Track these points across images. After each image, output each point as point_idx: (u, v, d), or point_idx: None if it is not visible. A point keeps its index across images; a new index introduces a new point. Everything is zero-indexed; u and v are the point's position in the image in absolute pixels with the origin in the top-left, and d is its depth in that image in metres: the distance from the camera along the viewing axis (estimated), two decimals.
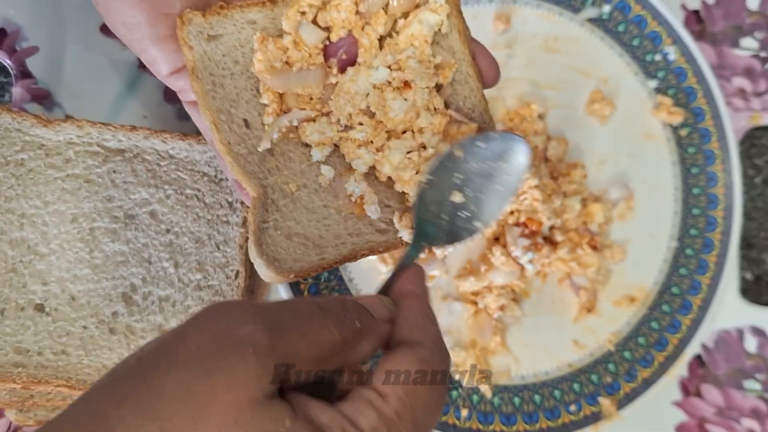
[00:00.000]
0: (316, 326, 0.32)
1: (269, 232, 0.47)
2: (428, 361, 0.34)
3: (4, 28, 0.65)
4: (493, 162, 0.47)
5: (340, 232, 0.49)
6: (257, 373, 0.29)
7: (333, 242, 0.48)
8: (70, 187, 0.58)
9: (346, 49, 0.49)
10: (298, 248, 0.47)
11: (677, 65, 0.69)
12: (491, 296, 0.63)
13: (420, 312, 0.38)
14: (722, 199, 0.68)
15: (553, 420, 0.63)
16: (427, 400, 0.33)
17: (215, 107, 0.47)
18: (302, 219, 0.48)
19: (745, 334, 0.68)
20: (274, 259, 0.46)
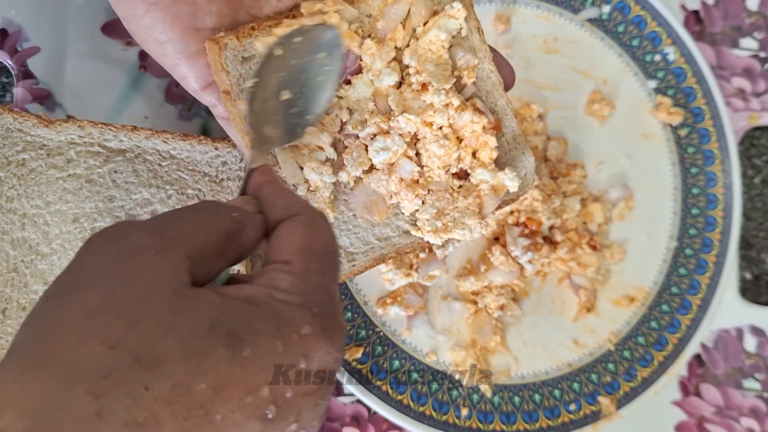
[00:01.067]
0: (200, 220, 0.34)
1: None
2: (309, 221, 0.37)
3: (5, 28, 0.65)
4: (311, 55, 0.48)
5: (369, 239, 0.51)
6: (170, 268, 0.30)
7: (363, 249, 0.51)
8: (72, 187, 0.59)
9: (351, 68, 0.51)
10: None
11: (677, 65, 0.69)
12: (491, 296, 0.64)
13: (280, 191, 0.40)
14: (721, 199, 0.68)
15: (552, 419, 0.64)
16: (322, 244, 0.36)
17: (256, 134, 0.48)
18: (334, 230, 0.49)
19: (745, 334, 0.68)
20: None
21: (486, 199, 0.51)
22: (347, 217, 0.51)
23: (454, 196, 0.51)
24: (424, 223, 0.51)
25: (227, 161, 0.60)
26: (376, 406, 0.61)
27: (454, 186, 0.52)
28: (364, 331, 0.63)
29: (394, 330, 0.64)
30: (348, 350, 0.62)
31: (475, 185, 0.51)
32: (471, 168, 0.51)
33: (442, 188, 0.51)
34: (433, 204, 0.51)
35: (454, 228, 0.51)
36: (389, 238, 0.52)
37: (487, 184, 0.51)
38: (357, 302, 0.63)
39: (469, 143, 0.51)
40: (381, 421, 0.63)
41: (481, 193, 0.51)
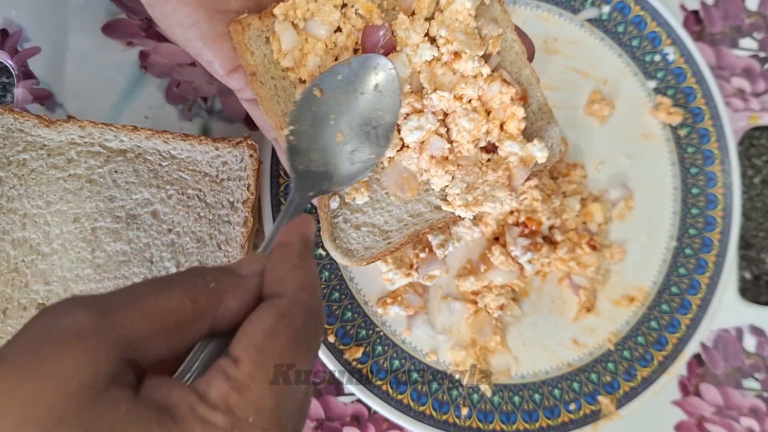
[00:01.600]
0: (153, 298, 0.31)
1: (340, 226, 0.51)
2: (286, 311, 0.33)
3: (5, 28, 0.65)
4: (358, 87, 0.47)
5: (402, 216, 0.52)
6: (86, 361, 0.28)
7: (397, 226, 0.52)
8: (73, 187, 0.59)
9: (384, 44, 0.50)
10: (367, 237, 0.51)
11: (676, 66, 0.69)
12: (491, 295, 0.64)
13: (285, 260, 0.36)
14: (721, 199, 0.68)
15: (552, 419, 0.64)
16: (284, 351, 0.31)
17: (280, 111, 0.49)
18: (368, 209, 0.51)
19: (744, 334, 0.68)
20: (348, 250, 0.50)
21: (515, 171, 0.52)
22: (380, 195, 0.52)
23: (483, 170, 0.52)
24: (455, 197, 0.51)
25: (228, 161, 0.60)
26: (377, 406, 0.61)
27: (482, 160, 0.52)
28: (364, 331, 0.63)
29: (395, 330, 0.64)
30: (348, 350, 0.62)
31: (504, 158, 0.52)
32: (499, 141, 0.52)
33: (471, 162, 0.52)
34: (463, 179, 0.51)
35: (484, 201, 0.51)
36: (422, 213, 0.52)
37: (516, 156, 0.52)
38: (357, 302, 0.64)
39: (497, 115, 0.52)
40: (381, 420, 0.64)
41: (510, 165, 0.52)
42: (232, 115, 0.66)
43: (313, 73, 0.50)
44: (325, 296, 0.63)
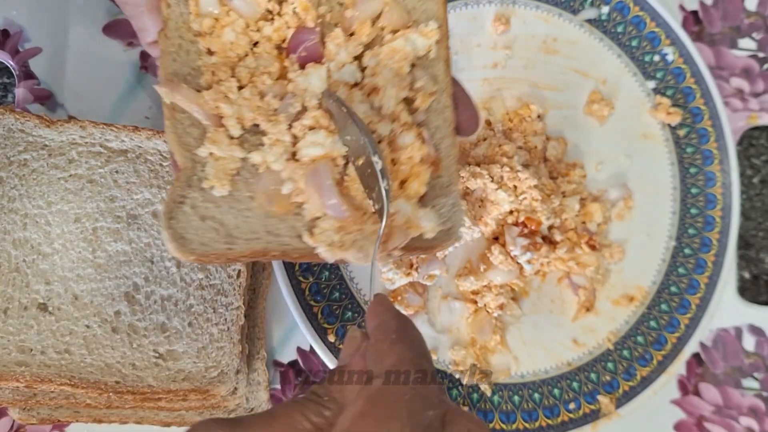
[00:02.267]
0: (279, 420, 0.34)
1: (184, 209, 0.45)
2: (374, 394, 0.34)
3: (6, 29, 0.65)
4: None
5: (257, 228, 0.47)
6: None
7: (247, 235, 0.46)
8: (73, 187, 0.59)
9: (309, 48, 0.48)
10: (208, 232, 0.45)
11: (676, 66, 0.69)
12: (491, 295, 0.64)
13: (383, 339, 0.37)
14: (720, 199, 0.68)
15: (552, 418, 0.64)
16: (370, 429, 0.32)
17: (173, 70, 0.47)
18: (223, 204, 0.46)
19: (744, 333, 0.68)
20: (180, 237, 0.45)
21: (396, 233, 0.46)
22: (243, 197, 0.47)
23: (364, 218, 0.46)
24: (322, 233, 0.46)
25: None
26: None
27: (369, 209, 0.47)
28: None
29: None
30: None
31: (391, 214, 0.46)
32: (393, 196, 0.47)
33: (356, 205, 0.46)
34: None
35: (350, 248, 0.45)
36: (280, 235, 0.47)
37: (403, 218, 0.46)
38: (357, 302, 0.64)
39: (400, 168, 0.48)
40: None
41: (393, 223, 0.46)
42: None
43: (225, 48, 0.48)
44: (325, 296, 0.63)
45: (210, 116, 0.46)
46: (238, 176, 0.47)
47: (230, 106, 0.46)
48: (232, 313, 0.58)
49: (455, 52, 0.68)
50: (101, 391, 0.55)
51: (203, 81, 0.47)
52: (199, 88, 0.47)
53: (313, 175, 0.46)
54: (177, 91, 0.46)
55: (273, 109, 0.47)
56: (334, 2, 0.49)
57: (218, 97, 0.46)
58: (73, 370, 0.56)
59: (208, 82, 0.47)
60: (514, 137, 0.67)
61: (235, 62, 0.48)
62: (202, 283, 0.59)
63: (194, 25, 0.48)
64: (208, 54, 0.48)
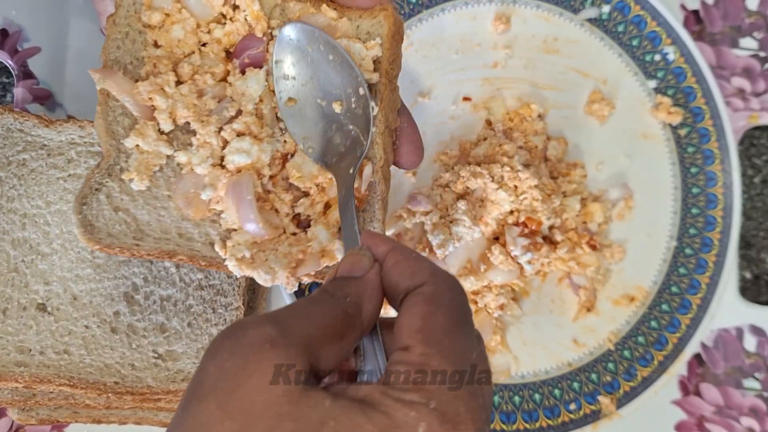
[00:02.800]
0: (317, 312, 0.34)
1: (99, 197, 0.46)
2: (434, 293, 0.35)
3: (5, 29, 0.65)
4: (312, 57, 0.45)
5: (170, 229, 0.46)
6: (282, 365, 0.31)
7: (157, 234, 0.46)
8: (72, 187, 0.59)
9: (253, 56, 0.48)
10: (119, 224, 0.46)
11: (676, 65, 0.69)
12: (491, 295, 0.64)
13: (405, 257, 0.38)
14: (721, 199, 0.68)
15: (552, 418, 0.64)
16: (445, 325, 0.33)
17: (114, 57, 0.47)
18: (139, 199, 0.46)
19: (744, 333, 0.68)
20: (89, 224, 0.45)
21: (308, 260, 0.46)
22: (160, 194, 0.46)
23: (281, 239, 0.46)
24: (235, 246, 0.45)
25: None
26: None
27: (288, 229, 0.47)
28: None
29: None
30: None
31: (308, 239, 0.46)
32: (314, 220, 0.47)
33: (275, 224, 0.46)
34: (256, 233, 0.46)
35: (259, 267, 0.45)
36: (192, 240, 0.46)
37: (318, 245, 0.46)
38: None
39: (328, 192, 0.47)
40: None
41: (308, 250, 0.46)
42: None
43: (171, 43, 0.47)
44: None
45: (142, 108, 0.46)
46: (160, 173, 0.47)
47: (165, 99, 0.46)
48: (232, 314, 0.58)
49: (455, 51, 0.68)
50: (100, 391, 0.55)
51: (143, 72, 0.47)
52: (138, 78, 0.47)
53: (235, 186, 0.45)
54: (111, 78, 0.46)
55: (208, 109, 0.47)
56: (285, 17, 0.48)
57: (154, 89, 0.46)
58: (72, 371, 0.56)
59: (147, 73, 0.47)
60: (514, 137, 0.67)
61: (179, 59, 0.48)
62: (201, 283, 0.58)
63: (144, 17, 0.48)
64: (154, 46, 0.48)
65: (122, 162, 0.46)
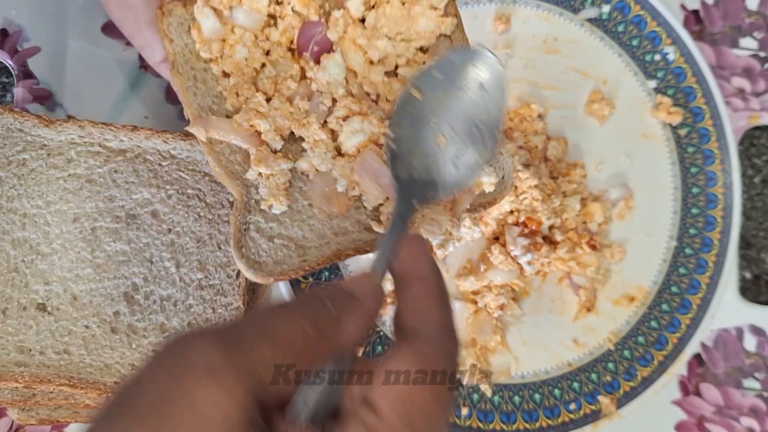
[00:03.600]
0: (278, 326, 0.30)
1: (250, 234, 0.45)
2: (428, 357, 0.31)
3: (5, 28, 0.65)
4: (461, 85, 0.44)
5: (325, 232, 0.47)
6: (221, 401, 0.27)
7: (317, 242, 0.46)
8: (72, 187, 0.59)
9: (319, 41, 0.48)
10: (279, 250, 0.46)
11: (676, 65, 0.69)
12: (491, 295, 0.64)
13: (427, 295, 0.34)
14: (721, 199, 0.68)
15: (552, 418, 0.64)
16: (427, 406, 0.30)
17: (196, 104, 0.47)
18: (285, 220, 0.46)
19: (745, 333, 0.68)
20: (255, 262, 0.45)
21: (460, 196, 0.47)
22: (302, 206, 0.47)
23: None
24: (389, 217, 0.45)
25: None
26: None
27: None
28: None
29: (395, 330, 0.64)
30: None
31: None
32: None
33: None
34: None
35: (422, 224, 0.46)
36: (348, 233, 0.47)
37: None
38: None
39: None
40: None
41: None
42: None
43: (240, 66, 0.47)
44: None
45: (248, 138, 0.46)
46: (291, 188, 0.47)
47: (265, 120, 0.46)
48: (232, 314, 0.58)
49: None
50: (100, 391, 0.55)
51: (229, 105, 0.47)
52: (228, 114, 0.47)
53: (363, 164, 0.45)
54: (209, 125, 0.46)
55: (304, 111, 0.47)
56: None
57: (250, 116, 0.46)
58: (72, 371, 0.56)
59: (234, 105, 0.47)
60: (514, 137, 0.67)
61: (254, 76, 0.48)
62: (201, 283, 0.58)
63: (203, 53, 0.47)
64: (224, 77, 0.48)
65: (254, 195, 0.46)
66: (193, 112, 0.46)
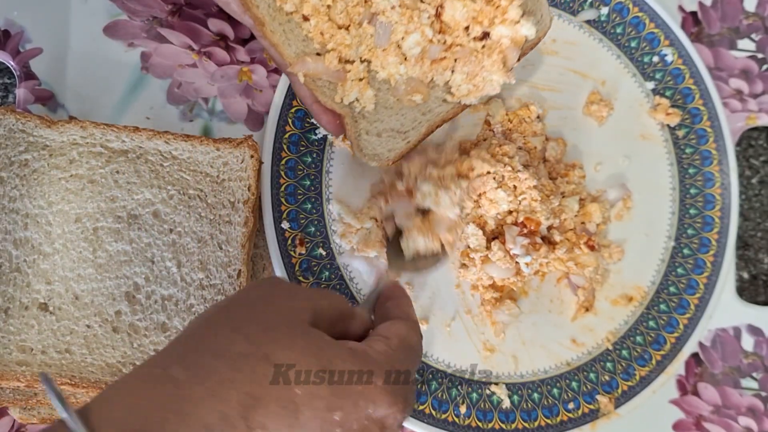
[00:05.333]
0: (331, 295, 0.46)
1: (363, 137, 0.56)
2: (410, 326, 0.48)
3: (7, 29, 0.66)
4: None
5: (416, 116, 0.58)
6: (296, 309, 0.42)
7: (412, 125, 0.58)
8: (74, 187, 0.59)
9: None
10: (388, 140, 0.57)
11: (674, 67, 0.69)
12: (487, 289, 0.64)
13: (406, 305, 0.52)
14: (719, 199, 0.68)
15: (551, 418, 0.64)
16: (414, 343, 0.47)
17: (292, 52, 0.53)
18: (383, 117, 0.57)
19: (742, 333, 0.69)
20: (375, 155, 0.57)
21: (508, 52, 0.56)
22: (392, 103, 0.57)
23: (479, 57, 0.56)
24: (458, 88, 0.57)
25: (229, 162, 0.60)
26: None
27: (478, 48, 0.56)
28: None
29: None
30: None
31: (497, 41, 0.56)
32: (491, 26, 0.56)
33: (468, 53, 0.56)
34: (462, 70, 0.57)
35: (484, 86, 0.57)
36: (432, 109, 0.58)
37: (507, 38, 0.56)
38: (357, 302, 0.64)
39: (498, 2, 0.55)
40: None
41: (503, 47, 0.56)
42: (233, 116, 0.66)
43: (316, 6, 0.53)
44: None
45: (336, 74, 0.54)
46: (379, 93, 0.57)
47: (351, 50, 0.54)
48: None
49: None
50: (102, 390, 0.56)
51: (316, 44, 0.54)
52: (318, 53, 0.54)
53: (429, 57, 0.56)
54: (306, 66, 0.53)
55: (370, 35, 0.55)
56: None
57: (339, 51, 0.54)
58: (73, 370, 0.56)
59: (321, 43, 0.54)
60: (513, 138, 0.67)
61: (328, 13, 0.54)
62: (202, 282, 0.59)
63: (287, 6, 0.52)
64: (305, 20, 0.53)
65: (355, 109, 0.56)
66: (292, 59, 0.53)
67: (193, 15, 0.66)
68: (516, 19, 0.55)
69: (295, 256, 0.63)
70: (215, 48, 0.66)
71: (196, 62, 0.66)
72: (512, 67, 0.57)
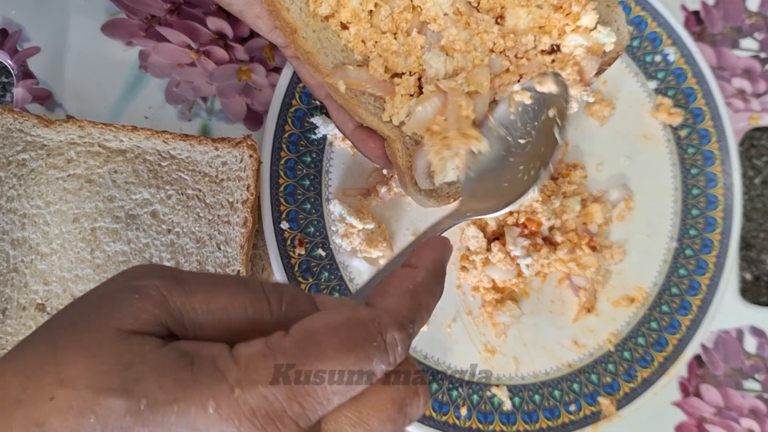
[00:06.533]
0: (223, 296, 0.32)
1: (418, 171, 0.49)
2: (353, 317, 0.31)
3: (5, 28, 0.65)
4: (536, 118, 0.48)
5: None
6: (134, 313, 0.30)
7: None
8: (72, 187, 0.59)
9: None
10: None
11: (677, 66, 0.69)
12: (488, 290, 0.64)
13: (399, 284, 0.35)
14: (721, 200, 0.68)
15: (552, 419, 0.64)
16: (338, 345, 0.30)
17: (330, 63, 0.48)
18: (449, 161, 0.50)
19: (745, 335, 0.68)
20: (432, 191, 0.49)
21: (585, 64, 0.49)
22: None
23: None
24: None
25: (227, 161, 0.60)
26: None
27: (547, 62, 0.50)
28: None
29: None
30: None
31: (569, 54, 0.50)
32: (560, 36, 0.49)
33: (536, 68, 0.50)
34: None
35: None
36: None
37: (582, 48, 0.49)
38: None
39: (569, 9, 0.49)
40: None
41: (578, 59, 0.49)
42: (231, 116, 0.66)
43: (357, 12, 0.48)
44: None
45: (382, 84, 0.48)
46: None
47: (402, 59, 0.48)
48: None
49: None
50: None
51: (357, 55, 0.48)
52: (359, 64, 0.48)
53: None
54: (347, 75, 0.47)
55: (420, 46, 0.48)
56: None
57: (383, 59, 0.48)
58: None
59: (362, 53, 0.48)
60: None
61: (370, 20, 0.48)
62: None
63: (321, 9, 0.47)
64: (343, 29, 0.48)
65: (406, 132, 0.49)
66: (329, 70, 0.48)
67: (192, 13, 0.66)
68: (591, 26, 0.49)
69: (294, 256, 0.62)
70: (214, 47, 0.66)
71: (195, 61, 0.66)
72: (591, 82, 0.50)
